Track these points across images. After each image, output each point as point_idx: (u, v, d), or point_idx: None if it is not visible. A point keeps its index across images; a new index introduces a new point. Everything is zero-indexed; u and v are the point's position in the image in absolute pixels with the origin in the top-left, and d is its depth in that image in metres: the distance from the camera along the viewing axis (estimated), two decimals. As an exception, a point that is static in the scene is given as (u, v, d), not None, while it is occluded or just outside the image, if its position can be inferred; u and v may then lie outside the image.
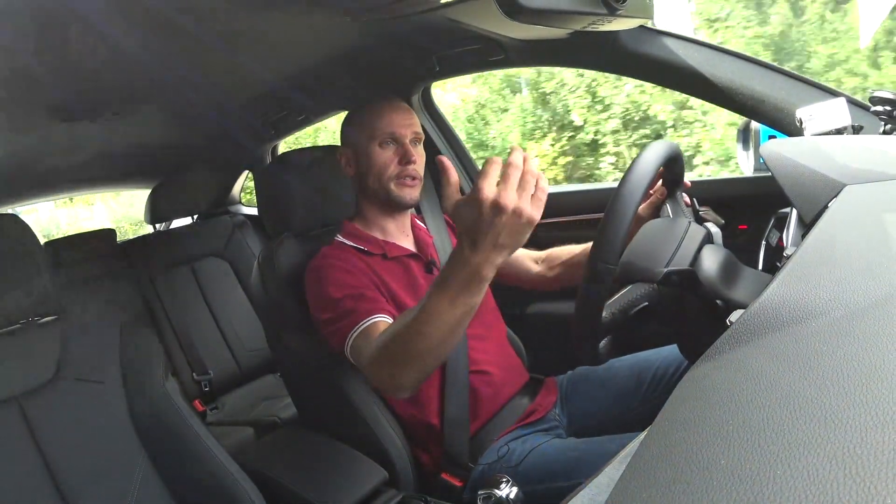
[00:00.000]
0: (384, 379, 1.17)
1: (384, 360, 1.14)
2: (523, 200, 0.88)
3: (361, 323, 1.25)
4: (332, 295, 1.31)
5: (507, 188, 0.88)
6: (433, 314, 1.00)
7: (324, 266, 1.37)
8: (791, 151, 0.98)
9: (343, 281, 1.33)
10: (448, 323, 1.00)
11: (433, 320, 1.00)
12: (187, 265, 2.86)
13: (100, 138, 2.21)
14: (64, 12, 1.09)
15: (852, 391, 0.39)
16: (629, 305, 0.99)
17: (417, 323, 1.02)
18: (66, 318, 1.33)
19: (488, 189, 0.88)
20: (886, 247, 0.63)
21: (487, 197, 0.88)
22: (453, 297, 0.98)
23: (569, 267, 1.62)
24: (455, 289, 0.97)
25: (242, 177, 3.25)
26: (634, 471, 0.44)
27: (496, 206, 0.87)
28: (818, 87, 1.40)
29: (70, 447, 1.23)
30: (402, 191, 1.45)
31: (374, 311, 1.27)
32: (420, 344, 1.04)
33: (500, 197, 0.87)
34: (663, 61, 1.50)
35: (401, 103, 1.49)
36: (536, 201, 0.90)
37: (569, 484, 1.22)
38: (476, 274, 0.95)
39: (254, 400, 2.65)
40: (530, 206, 0.89)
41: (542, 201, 0.91)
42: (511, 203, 0.87)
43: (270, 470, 1.36)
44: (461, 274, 0.95)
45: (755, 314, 0.56)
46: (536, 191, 0.90)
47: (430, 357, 1.07)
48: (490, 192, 0.88)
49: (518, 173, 0.89)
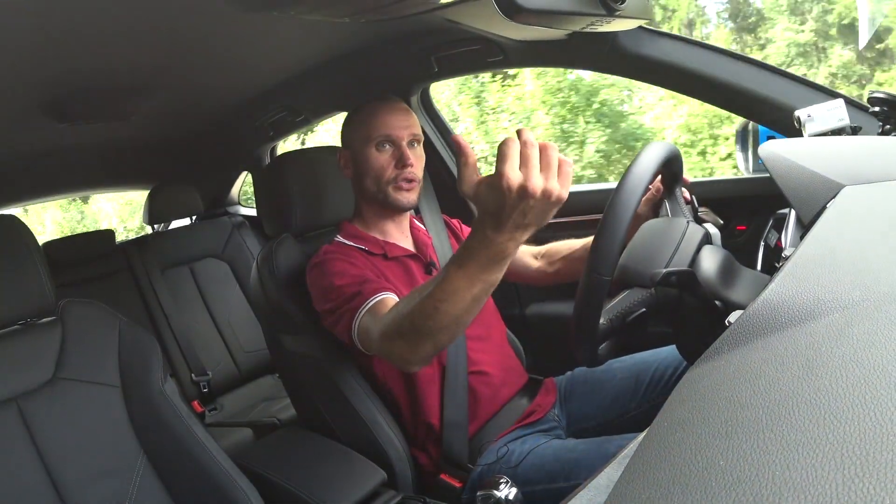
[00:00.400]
0: (396, 353, 1.14)
1: (396, 335, 1.10)
2: (551, 181, 0.84)
3: (368, 301, 1.24)
4: (335, 283, 1.31)
5: (532, 171, 0.83)
6: (451, 291, 0.97)
7: (326, 260, 1.37)
8: (789, 152, 0.98)
9: (345, 271, 1.33)
10: (466, 300, 0.97)
11: (451, 297, 0.97)
12: (186, 266, 2.85)
13: (97, 139, 2.22)
14: (61, 12, 1.09)
15: (851, 392, 0.39)
16: (626, 312, 0.98)
17: (434, 300, 0.99)
18: (64, 319, 1.33)
19: (513, 174, 0.83)
20: (884, 247, 0.63)
21: (513, 182, 0.83)
22: (473, 274, 0.95)
23: (569, 262, 1.61)
24: (476, 267, 0.94)
25: (241, 177, 3.25)
26: (633, 472, 0.44)
27: (523, 190, 0.83)
28: (817, 87, 1.41)
29: (68, 448, 1.22)
30: (399, 194, 1.44)
31: (379, 289, 1.26)
32: (437, 320, 1.01)
33: (528, 181, 0.82)
34: (662, 62, 1.50)
35: (399, 104, 1.48)
36: (564, 176, 0.86)
37: (568, 485, 1.22)
38: (499, 253, 0.92)
39: (253, 401, 2.65)
40: (559, 185, 0.85)
41: (569, 175, 0.87)
42: (539, 186, 0.83)
43: (269, 471, 1.36)
44: (483, 253, 0.92)
45: (754, 315, 0.56)
46: (562, 165, 0.86)
47: (446, 333, 1.05)
48: (515, 177, 0.83)
49: (537, 152, 0.84)
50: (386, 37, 1.79)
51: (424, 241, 1.57)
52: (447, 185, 2.21)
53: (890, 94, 1.25)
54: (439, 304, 0.98)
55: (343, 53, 1.86)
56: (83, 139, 2.15)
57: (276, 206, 1.61)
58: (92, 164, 2.60)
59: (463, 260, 0.95)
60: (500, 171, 0.83)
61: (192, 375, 2.62)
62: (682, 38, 1.52)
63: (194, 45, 1.49)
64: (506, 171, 0.83)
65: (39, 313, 1.30)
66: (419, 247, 1.54)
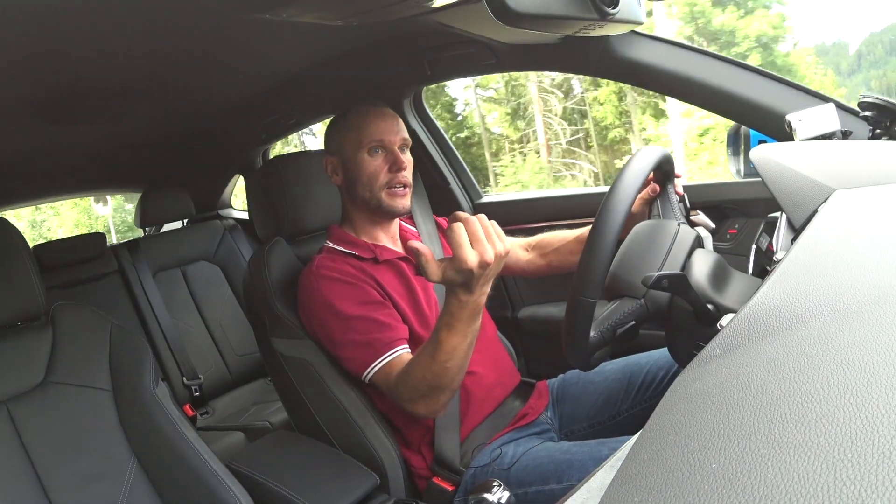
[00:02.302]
0: (422, 412, 1.28)
1: (418, 397, 1.25)
2: (497, 245, 1.07)
3: (383, 357, 1.32)
4: (343, 310, 1.35)
5: (482, 245, 1.05)
6: (450, 350, 1.17)
7: (322, 277, 1.37)
8: (781, 156, 0.99)
9: (346, 294, 1.36)
10: (463, 349, 1.18)
11: (452, 354, 1.17)
12: (178, 269, 2.85)
13: (89, 141, 2.20)
14: (52, 13, 1.08)
15: (842, 395, 0.39)
16: (617, 324, 0.99)
17: (439, 362, 1.18)
18: (55, 323, 1.32)
19: (470, 255, 1.04)
20: (875, 252, 0.63)
21: (472, 262, 1.04)
22: (462, 330, 1.15)
23: (562, 254, 1.61)
24: (462, 324, 1.15)
25: (233, 180, 3.24)
26: (626, 474, 0.44)
27: (483, 263, 1.05)
28: (808, 92, 1.41)
29: (59, 452, 1.22)
30: (393, 200, 1.43)
31: (394, 342, 1.33)
32: (447, 376, 1.20)
33: (483, 255, 1.05)
34: (654, 66, 1.51)
35: (386, 109, 1.48)
36: (500, 235, 1.09)
37: (561, 487, 1.23)
38: (476, 307, 1.14)
39: (244, 404, 2.64)
40: (501, 244, 1.08)
41: (501, 233, 1.09)
42: (491, 255, 1.05)
43: (261, 475, 1.35)
44: (463, 312, 1.13)
45: (745, 318, 0.56)
46: (493, 226, 1.09)
47: (457, 381, 1.23)
48: (473, 258, 1.04)
49: (481, 228, 1.06)
50: (378, 40, 1.79)
51: None
52: (439, 186, 2.22)
53: (880, 99, 1.26)
54: (446, 363, 1.18)
55: (335, 56, 1.86)
56: (73, 141, 2.14)
57: (268, 209, 1.61)
58: (82, 167, 2.59)
59: (450, 323, 1.15)
60: (460, 257, 1.05)
61: (183, 379, 2.62)
62: (674, 42, 1.52)
63: (186, 48, 1.49)
64: (465, 256, 1.04)
65: (30, 316, 1.29)
66: None
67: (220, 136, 2.58)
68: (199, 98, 2.08)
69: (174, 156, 2.77)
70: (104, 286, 2.66)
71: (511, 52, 1.68)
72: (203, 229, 3.00)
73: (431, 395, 1.23)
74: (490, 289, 1.14)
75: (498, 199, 2.33)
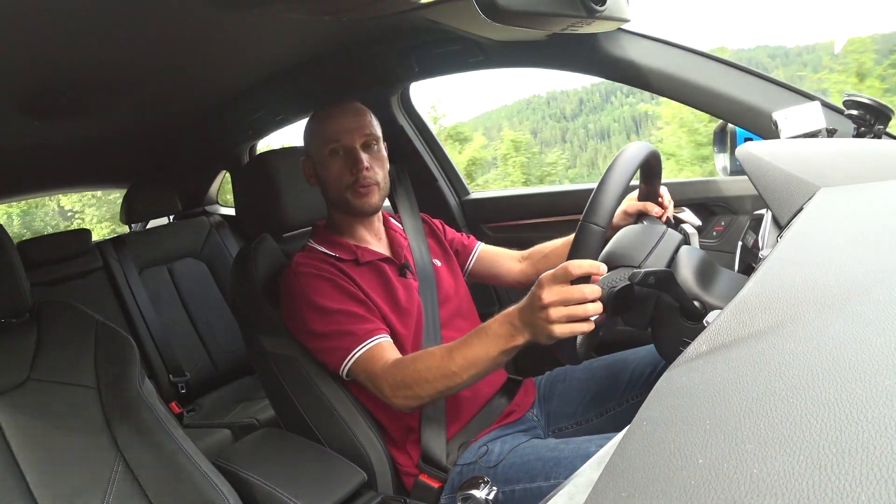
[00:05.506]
0: (399, 402, 1.26)
1: (403, 387, 1.24)
2: (574, 311, 1.00)
3: (365, 344, 1.31)
4: (322, 304, 1.33)
5: (570, 304, 1.00)
6: (475, 362, 1.17)
7: (301, 274, 1.37)
8: (767, 154, 0.99)
9: (324, 289, 1.35)
10: (485, 370, 1.18)
11: (473, 368, 1.17)
12: (164, 266, 2.83)
13: (72, 137, 2.18)
14: (35, 7, 1.07)
15: (827, 390, 0.40)
16: (613, 284, 0.99)
17: (455, 366, 1.17)
18: (39, 319, 1.31)
19: (547, 295, 1.01)
20: (860, 248, 0.64)
21: (549, 298, 1.01)
22: (490, 345, 1.15)
23: (551, 259, 1.60)
24: (491, 340, 1.15)
25: (220, 177, 3.22)
26: (613, 470, 0.44)
27: (544, 304, 1.01)
28: (794, 90, 1.42)
29: (43, 450, 1.21)
30: (359, 199, 1.42)
31: (374, 330, 1.32)
32: (452, 382, 1.19)
33: (554, 303, 1.01)
34: (641, 64, 1.51)
35: (351, 105, 1.46)
36: (583, 313, 1.00)
37: (548, 484, 1.23)
38: (507, 336, 1.14)
39: (231, 402, 2.63)
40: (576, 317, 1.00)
41: (590, 312, 1.00)
42: (560, 315, 1.00)
43: (248, 472, 1.34)
44: (501, 328, 1.14)
45: (731, 315, 0.56)
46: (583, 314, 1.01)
47: (458, 389, 1.22)
48: (550, 296, 1.00)
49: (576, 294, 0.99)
50: (366, 36, 1.78)
51: (401, 242, 1.56)
52: (427, 184, 2.21)
53: (865, 98, 1.27)
54: (463, 372, 1.18)
55: (323, 52, 1.85)
56: (57, 136, 2.12)
57: (255, 205, 1.60)
58: (66, 163, 2.56)
59: (490, 337, 1.15)
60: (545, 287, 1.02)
61: (169, 376, 2.60)
62: (661, 40, 1.53)
63: (172, 43, 1.48)
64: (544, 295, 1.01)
65: (14, 313, 1.28)
66: (394, 249, 1.53)
67: (206, 132, 2.56)
68: (185, 94, 2.06)
69: (160, 152, 2.75)
70: (89, 283, 2.64)
71: (499, 49, 1.68)
72: (189, 226, 2.98)
73: (421, 395, 1.23)
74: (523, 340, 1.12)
75: (485, 196, 2.32)
